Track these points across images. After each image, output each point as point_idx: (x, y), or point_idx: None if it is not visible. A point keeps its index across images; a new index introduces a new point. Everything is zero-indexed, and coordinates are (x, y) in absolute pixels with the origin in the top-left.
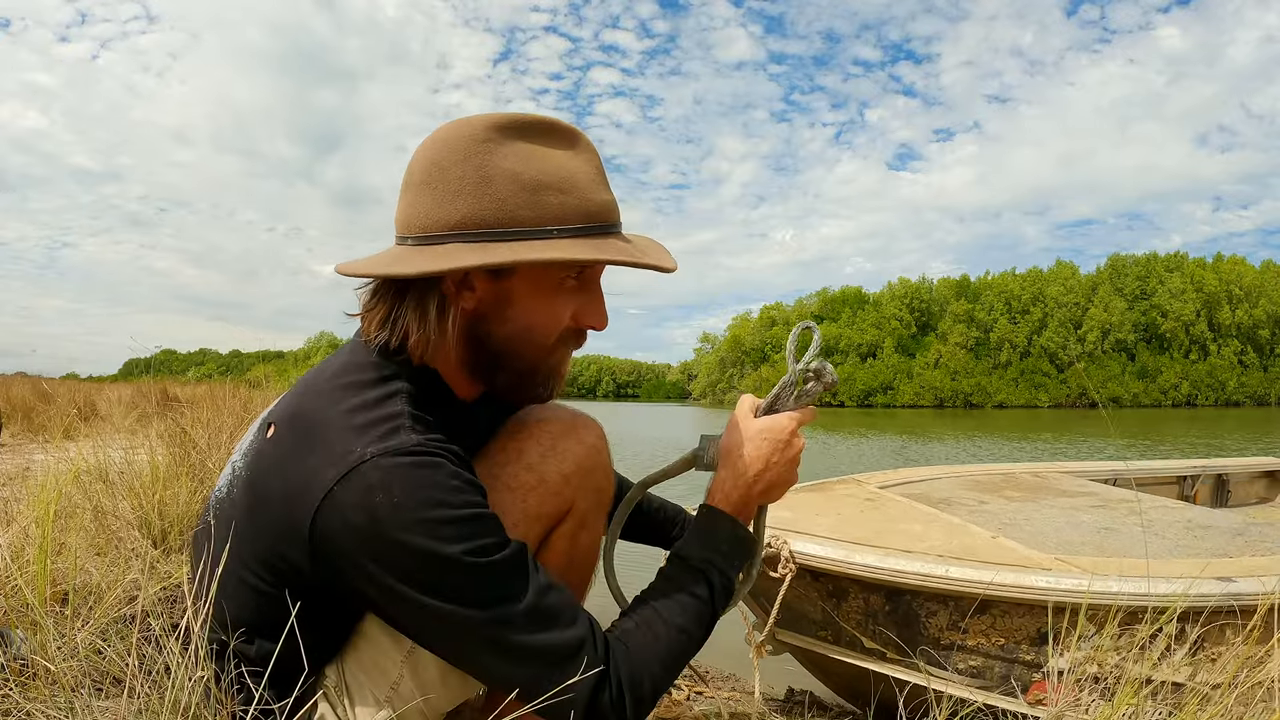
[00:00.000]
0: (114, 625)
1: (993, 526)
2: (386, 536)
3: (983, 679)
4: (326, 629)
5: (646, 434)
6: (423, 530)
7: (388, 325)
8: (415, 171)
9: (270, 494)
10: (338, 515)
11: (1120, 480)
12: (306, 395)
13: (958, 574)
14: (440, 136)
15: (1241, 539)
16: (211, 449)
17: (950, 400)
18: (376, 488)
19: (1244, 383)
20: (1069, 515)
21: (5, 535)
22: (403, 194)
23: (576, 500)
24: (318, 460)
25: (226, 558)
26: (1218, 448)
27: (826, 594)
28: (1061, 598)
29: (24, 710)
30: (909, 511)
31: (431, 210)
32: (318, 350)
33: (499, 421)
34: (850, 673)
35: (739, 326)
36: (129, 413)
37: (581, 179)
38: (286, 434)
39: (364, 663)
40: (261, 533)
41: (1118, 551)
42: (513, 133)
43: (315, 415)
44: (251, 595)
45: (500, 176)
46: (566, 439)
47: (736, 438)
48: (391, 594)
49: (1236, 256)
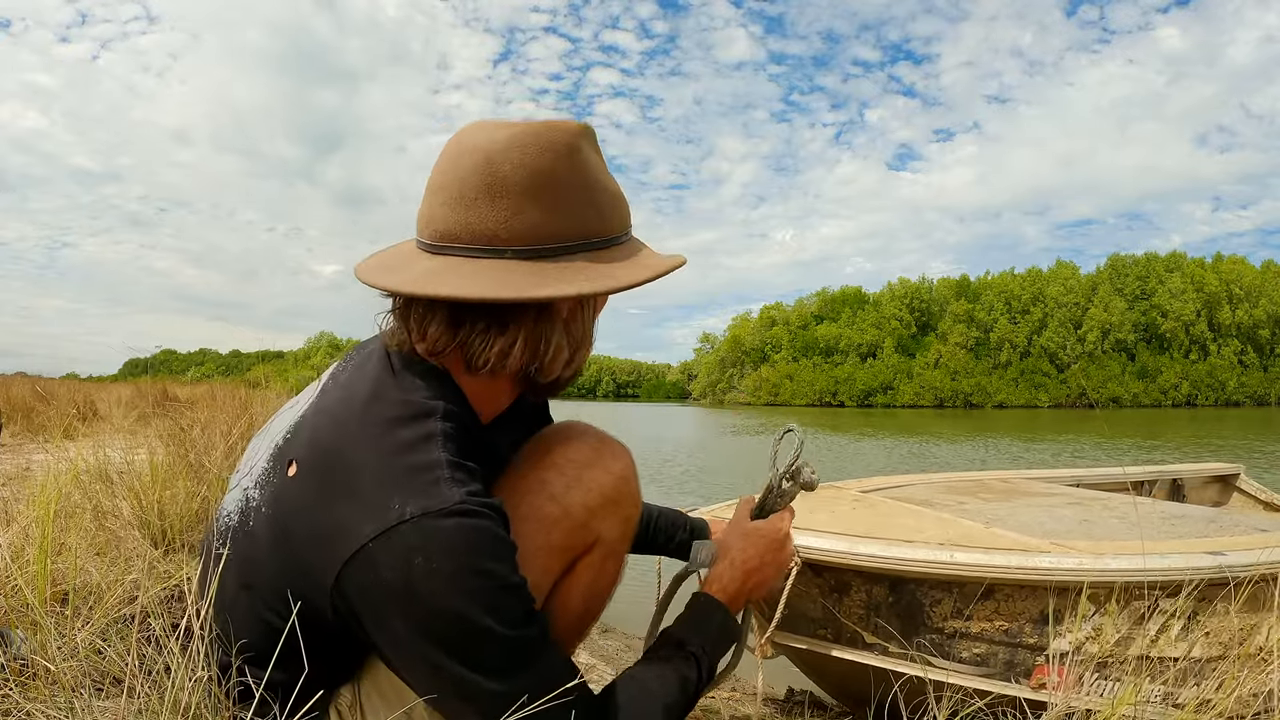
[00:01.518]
0: (114, 625)
1: (980, 521)
2: (421, 601)
3: (986, 666)
4: (340, 661)
5: (647, 432)
6: (459, 599)
7: (459, 347)
8: (510, 176)
9: (295, 535)
10: (371, 572)
11: (1083, 485)
12: (335, 430)
13: (964, 559)
14: (535, 140)
15: (1215, 525)
16: (211, 449)
17: (950, 400)
18: (416, 550)
19: (1244, 383)
20: (1048, 511)
21: (5, 535)
22: (482, 197)
23: (603, 532)
24: (352, 511)
25: (243, 592)
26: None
27: (828, 589)
28: (1065, 577)
29: (24, 710)
30: (899, 509)
31: (545, 222)
32: (317, 350)
33: (514, 443)
34: (847, 671)
35: (739, 326)
36: (129, 413)
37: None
38: (313, 474)
39: (380, 686)
40: (283, 571)
41: (1105, 537)
42: (591, 140)
43: (346, 457)
44: (263, 626)
45: (600, 190)
46: (592, 469)
47: (736, 537)
48: (412, 653)
49: (1236, 256)
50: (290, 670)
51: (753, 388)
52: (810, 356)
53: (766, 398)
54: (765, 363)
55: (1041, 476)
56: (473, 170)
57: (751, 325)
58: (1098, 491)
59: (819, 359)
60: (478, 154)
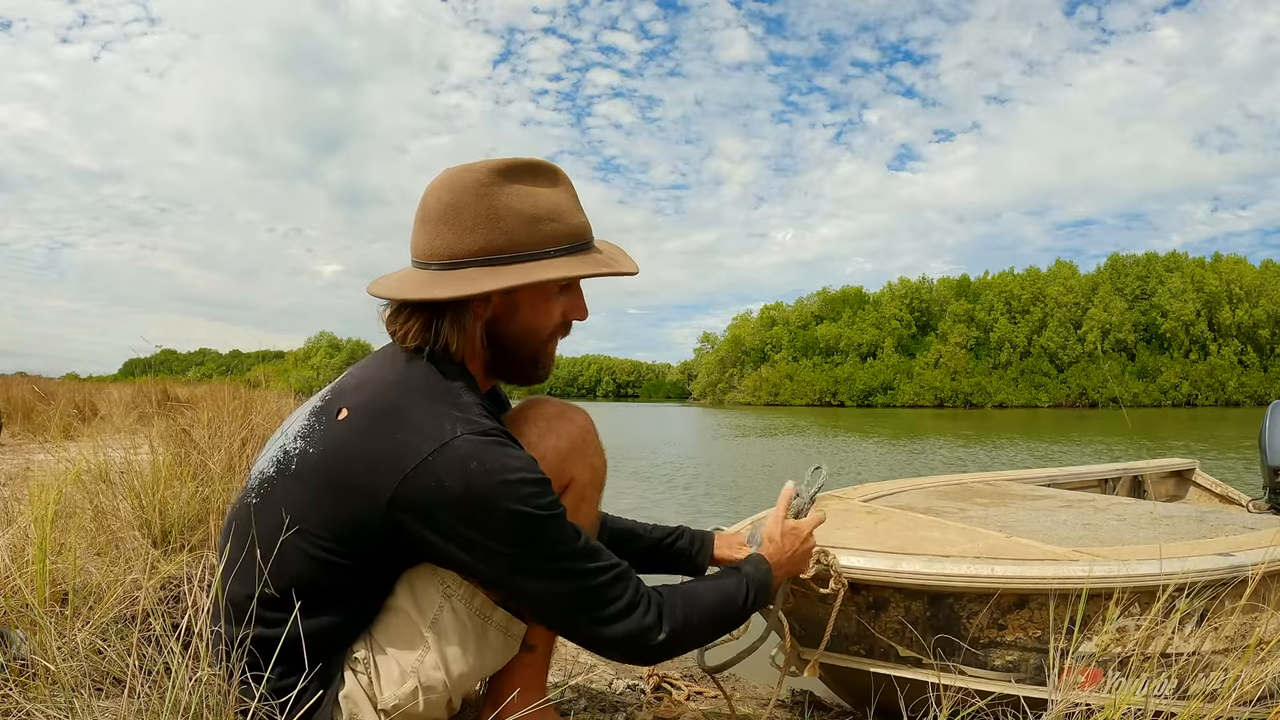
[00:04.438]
0: (114, 625)
1: (995, 528)
2: (481, 496)
3: (1018, 672)
4: (362, 602)
5: (647, 437)
6: (509, 492)
7: (430, 335)
8: (431, 209)
9: (353, 464)
10: (431, 479)
11: (1055, 484)
12: (382, 387)
13: (1004, 571)
14: (451, 181)
15: (1205, 524)
16: (212, 449)
17: (950, 400)
18: (470, 457)
19: (1244, 383)
20: (1048, 515)
21: (5, 535)
22: (420, 227)
23: (575, 475)
24: (408, 435)
25: (285, 530)
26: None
27: (865, 606)
28: (1098, 584)
29: (24, 710)
30: (915, 521)
31: (453, 242)
32: (317, 350)
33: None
34: (873, 683)
35: (739, 326)
36: (129, 413)
37: (565, 207)
38: (365, 417)
39: (391, 637)
40: (339, 500)
41: (1114, 542)
42: (511, 175)
43: (397, 401)
44: (311, 564)
45: (506, 213)
46: (560, 420)
47: (776, 530)
48: (474, 546)
49: (1236, 256)
50: (326, 614)
51: (753, 387)
52: (810, 356)
53: (766, 398)
54: (765, 363)
55: (1018, 478)
56: (421, 203)
57: (751, 325)
58: (1080, 492)
59: (819, 359)
60: (427, 192)
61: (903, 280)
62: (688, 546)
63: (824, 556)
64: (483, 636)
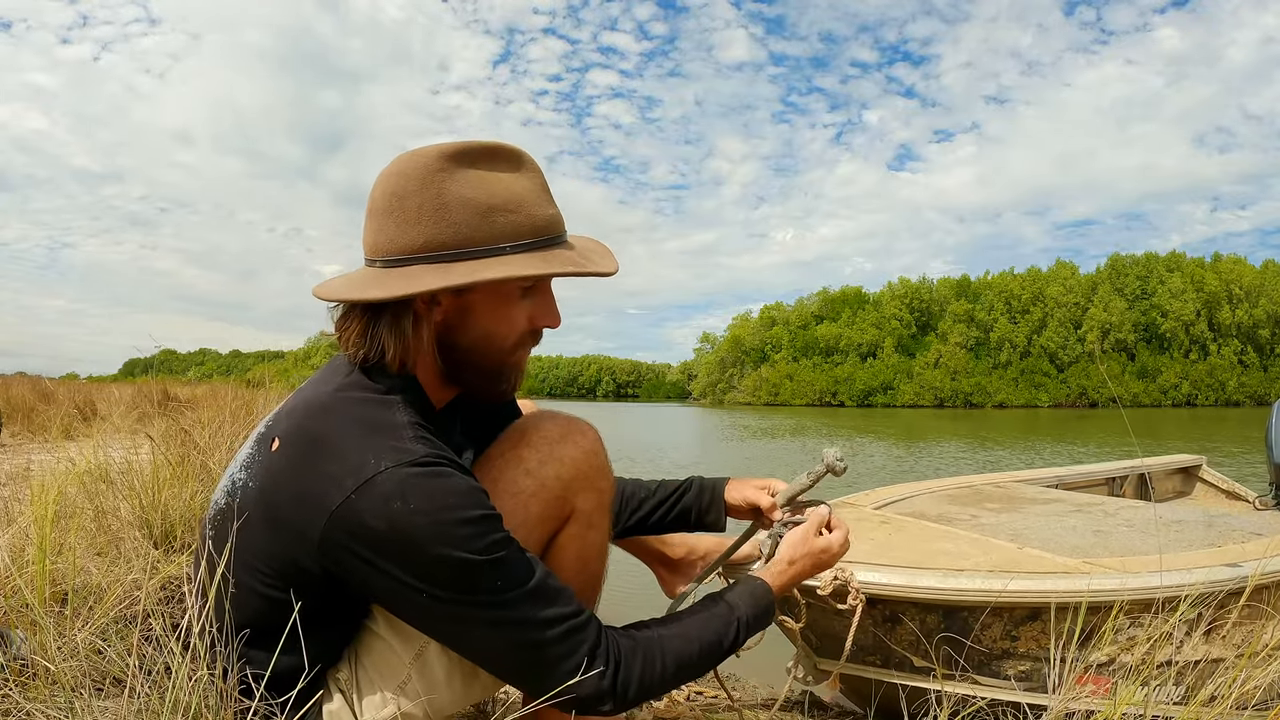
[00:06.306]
0: (114, 625)
1: (1005, 537)
2: (405, 540)
3: (1030, 681)
4: (334, 630)
5: (648, 439)
6: (438, 535)
7: (365, 341)
8: (377, 200)
9: (282, 500)
10: (355, 519)
11: (1062, 484)
12: (311, 410)
13: (1017, 586)
14: (397, 168)
15: (1214, 530)
16: (213, 449)
17: (950, 400)
18: (393, 496)
19: (1244, 383)
20: (1057, 521)
21: (5, 535)
22: (368, 220)
23: (578, 503)
24: (333, 469)
25: (235, 568)
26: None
27: (881, 619)
28: (1108, 597)
29: (24, 710)
30: (927, 531)
31: (396, 236)
32: (317, 350)
33: (468, 429)
34: (885, 690)
35: (739, 326)
36: (129, 413)
37: (528, 198)
38: (294, 447)
39: (375, 660)
40: (274, 538)
41: (1124, 551)
42: (464, 160)
43: (323, 428)
44: (262, 602)
45: (455, 203)
46: (563, 444)
47: (801, 550)
48: (404, 591)
49: (1236, 256)
50: (292, 651)
51: (753, 388)
52: (810, 356)
53: (766, 398)
54: (765, 363)
55: (1027, 479)
56: (370, 193)
57: (751, 325)
58: (1089, 494)
59: (819, 359)
60: (375, 181)
61: (903, 280)
62: (694, 501)
63: (841, 572)
64: (473, 673)
